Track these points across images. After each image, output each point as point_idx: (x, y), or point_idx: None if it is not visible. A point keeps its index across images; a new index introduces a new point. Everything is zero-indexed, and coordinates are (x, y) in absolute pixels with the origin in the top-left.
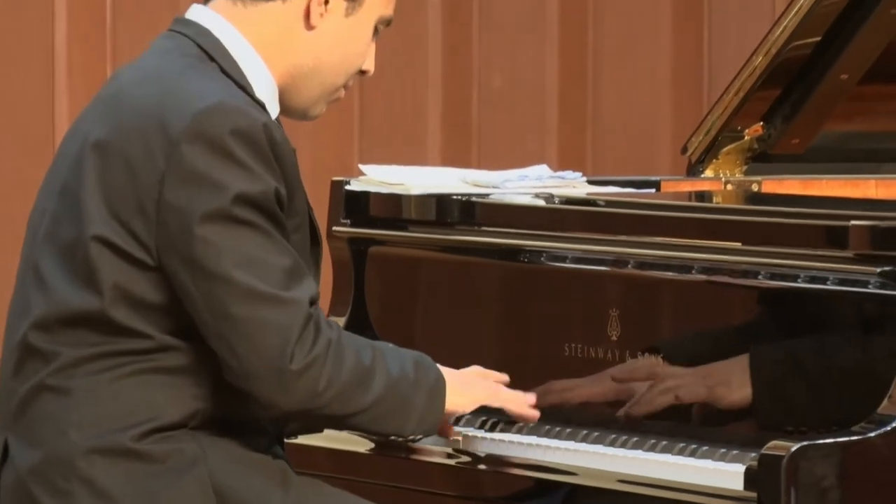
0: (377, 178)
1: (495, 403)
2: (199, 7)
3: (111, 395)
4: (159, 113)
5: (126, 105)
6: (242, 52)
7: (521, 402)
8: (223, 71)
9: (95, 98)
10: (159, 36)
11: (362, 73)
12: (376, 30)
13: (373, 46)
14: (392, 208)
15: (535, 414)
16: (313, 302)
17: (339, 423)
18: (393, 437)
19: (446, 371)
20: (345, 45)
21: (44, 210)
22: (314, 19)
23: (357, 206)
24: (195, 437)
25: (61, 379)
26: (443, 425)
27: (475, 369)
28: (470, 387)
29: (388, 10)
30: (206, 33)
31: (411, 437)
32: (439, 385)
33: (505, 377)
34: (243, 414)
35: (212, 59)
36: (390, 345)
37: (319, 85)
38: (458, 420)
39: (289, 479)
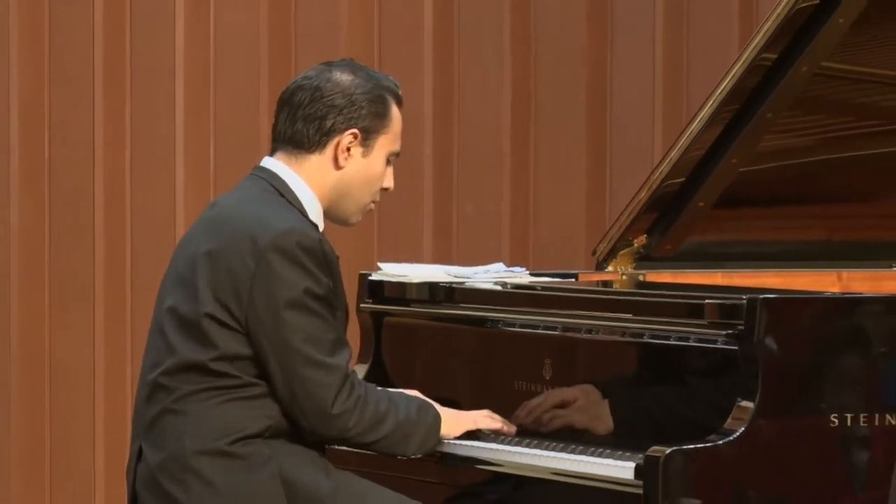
0: (389, 271)
1: (476, 427)
2: (269, 158)
3: (212, 415)
4: (249, 232)
5: (225, 227)
6: (299, 188)
7: (495, 425)
8: (289, 202)
9: (201, 219)
10: (246, 177)
11: (385, 189)
12: (388, 160)
13: (389, 170)
14: (399, 291)
15: (512, 429)
16: (348, 361)
17: (360, 447)
18: (399, 457)
19: (444, 410)
20: (366, 175)
21: (166, 293)
22: (341, 162)
23: (376, 290)
24: (268, 444)
25: (179, 405)
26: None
27: (486, 412)
28: (460, 421)
29: (395, 146)
30: (275, 177)
31: (412, 456)
32: (436, 422)
33: (499, 421)
34: (299, 429)
35: (281, 194)
36: (404, 393)
37: (354, 203)
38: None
39: (331, 470)
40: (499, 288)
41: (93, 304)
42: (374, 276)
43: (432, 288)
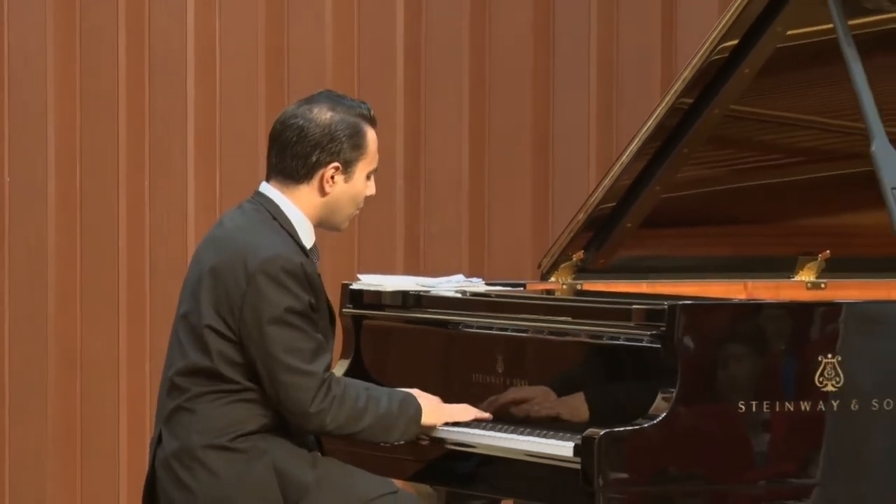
0: (367, 281)
1: (455, 419)
2: (266, 184)
3: (217, 415)
4: (242, 256)
5: (226, 249)
6: (291, 212)
7: (470, 417)
8: (281, 226)
9: (210, 236)
10: (248, 200)
11: (367, 196)
12: (368, 177)
13: (371, 181)
14: (375, 298)
15: (487, 416)
16: (327, 369)
17: (343, 438)
18: (383, 444)
19: (428, 401)
20: (349, 196)
21: (182, 301)
22: (327, 189)
23: (356, 297)
24: (264, 439)
25: (190, 403)
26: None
27: (464, 406)
28: (441, 412)
29: (372, 165)
30: (270, 202)
31: (396, 443)
32: (417, 414)
33: (483, 414)
34: (290, 426)
35: (274, 218)
36: (388, 389)
37: (341, 216)
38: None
39: (317, 461)
40: (459, 295)
41: (117, 310)
42: (354, 286)
43: (403, 295)
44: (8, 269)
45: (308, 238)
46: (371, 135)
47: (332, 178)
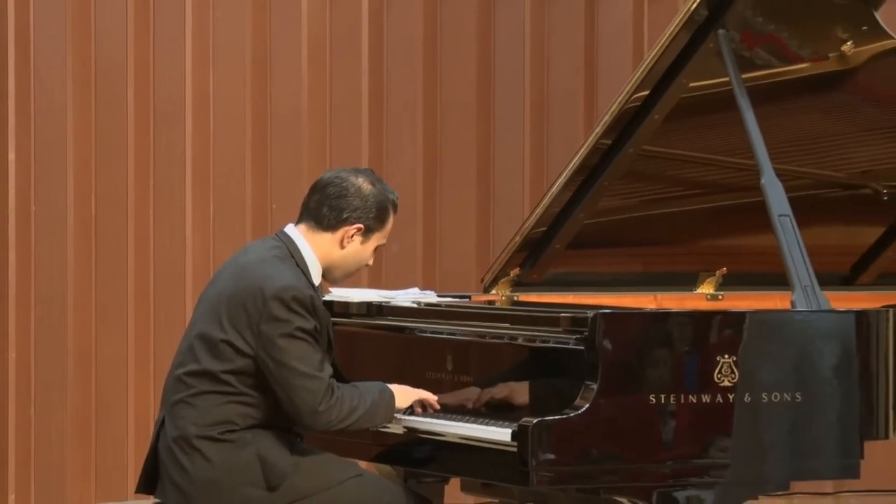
0: (337, 293)
1: (418, 397)
2: (291, 226)
3: (213, 412)
4: (260, 285)
5: (247, 278)
6: (307, 254)
7: (428, 402)
8: (297, 263)
9: (233, 261)
10: (273, 236)
11: (367, 265)
12: (375, 248)
13: (373, 255)
14: (344, 308)
15: (437, 407)
16: (331, 375)
17: (340, 431)
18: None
19: (395, 388)
20: (358, 257)
21: (199, 315)
22: (344, 244)
23: (327, 307)
24: (251, 432)
25: (192, 400)
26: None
27: (419, 391)
28: (405, 396)
29: (382, 241)
30: (291, 242)
31: (378, 426)
32: (392, 401)
33: (431, 396)
34: (275, 423)
35: (292, 256)
36: (367, 383)
37: (342, 272)
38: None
39: (294, 452)
40: (415, 305)
41: (126, 318)
42: (326, 297)
43: (368, 305)
44: (34, 284)
45: (316, 277)
46: (392, 218)
47: (353, 236)
